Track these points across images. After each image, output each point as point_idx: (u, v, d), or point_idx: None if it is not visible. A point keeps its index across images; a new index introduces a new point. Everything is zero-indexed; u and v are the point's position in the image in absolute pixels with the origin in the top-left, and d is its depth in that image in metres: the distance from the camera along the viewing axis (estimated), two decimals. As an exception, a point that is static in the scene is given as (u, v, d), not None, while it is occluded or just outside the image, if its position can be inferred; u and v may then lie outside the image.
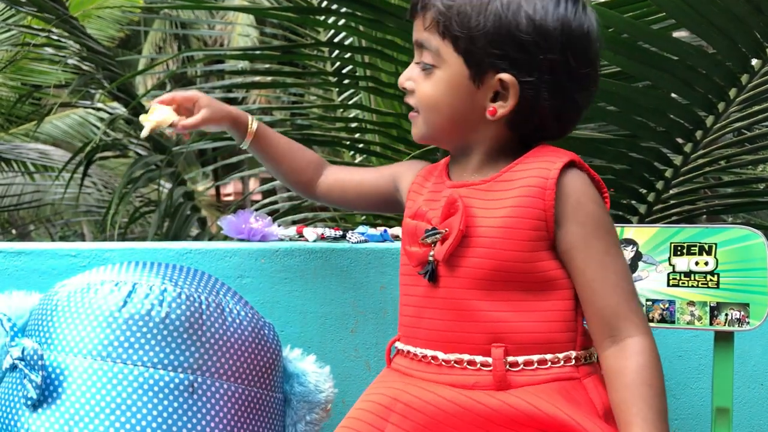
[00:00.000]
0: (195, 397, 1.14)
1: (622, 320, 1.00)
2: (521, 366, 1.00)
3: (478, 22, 0.99)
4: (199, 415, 1.13)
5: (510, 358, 1.00)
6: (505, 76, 1.00)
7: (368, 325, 1.49)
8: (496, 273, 1.01)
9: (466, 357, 1.02)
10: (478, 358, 1.01)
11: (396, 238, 1.54)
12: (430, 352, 1.05)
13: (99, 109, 4.57)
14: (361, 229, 1.53)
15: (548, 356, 1.01)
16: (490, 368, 1.00)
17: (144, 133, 1.25)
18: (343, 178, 1.31)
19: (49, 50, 4.04)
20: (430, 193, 1.12)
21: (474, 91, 1.03)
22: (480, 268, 1.01)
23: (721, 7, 1.68)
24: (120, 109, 3.97)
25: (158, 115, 1.24)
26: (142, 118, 1.25)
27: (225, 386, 1.17)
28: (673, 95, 1.96)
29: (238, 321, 1.22)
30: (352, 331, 1.49)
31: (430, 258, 1.04)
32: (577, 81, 1.03)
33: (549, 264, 1.02)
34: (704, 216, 2.54)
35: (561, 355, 1.01)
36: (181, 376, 1.14)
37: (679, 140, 2.04)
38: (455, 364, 1.02)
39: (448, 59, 1.03)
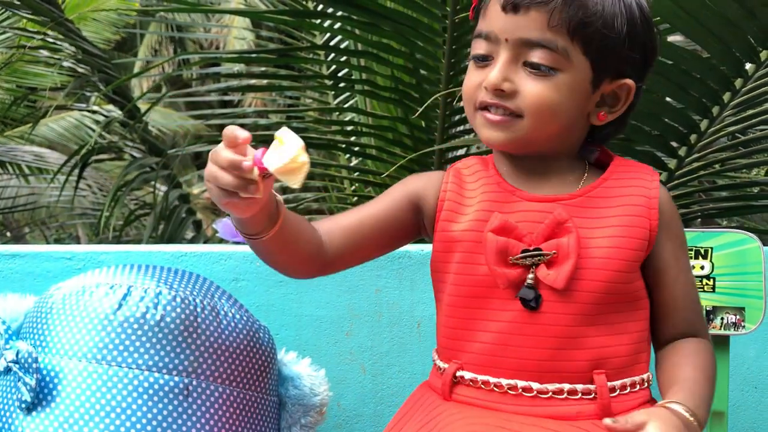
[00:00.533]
0: (190, 400, 1.14)
1: (697, 330, 1.03)
2: (618, 391, 0.97)
3: (617, 24, 0.94)
4: (194, 418, 1.13)
5: (610, 384, 0.96)
6: (629, 81, 0.97)
7: (363, 329, 1.49)
8: (606, 297, 0.95)
9: (566, 386, 0.95)
10: (579, 387, 0.95)
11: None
12: (521, 383, 0.95)
13: (94, 112, 4.57)
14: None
15: (637, 378, 0.99)
16: (592, 396, 0.95)
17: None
18: (349, 224, 1.04)
19: (45, 53, 4.03)
20: (491, 203, 1.00)
21: (589, 95, 0.97)
22: (593, 292, 0.95)
23: (715, 11, 1.68)
24: (115, 112, 3.96)
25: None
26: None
27: (220, 389, 1.17)
28: (667, 99, 1.97)
29: (233, 324, 1.22)
30: (348, 335, 1.49)
31: (530, 281, 0.95)
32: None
33: (640, 283, 0.99)
34: (699, 219, 2.55)
35: (644, 376, 1.00)
36: (176, 379, 1.14)
37: (674, 144, 2.05)
38: (554, 395, 0.95)
39: (575, 61, 0.94)
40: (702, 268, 1.24)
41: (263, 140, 3.19)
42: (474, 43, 1.00)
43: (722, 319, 1.23)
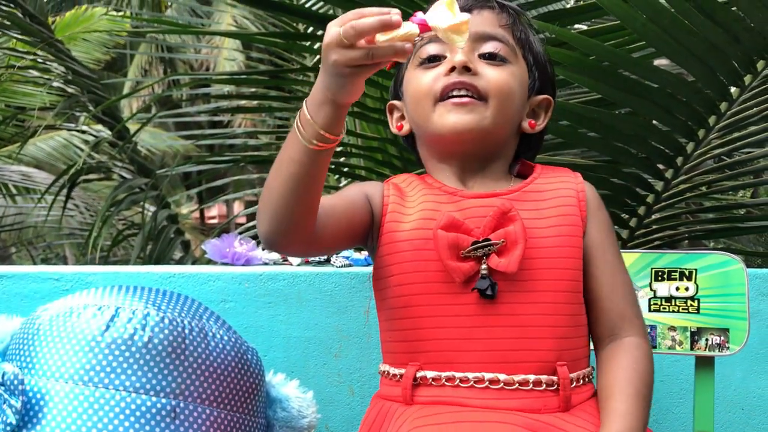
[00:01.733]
0: (177, 422, 1.13)
1: (625, 322, 1.03)
2: (575, 383, 0.99)
3: (540, 45, 1.13)
4: (181, 441, 1.12)
5: (570, 375, 0.98)
6: (549, 97, 1.12)
7: (352, 350, 1.49)
8: (559, 283, 1.00)
9: (532, 377, 0.96)
10: (544, 378, 0.97)
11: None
12: (488, 375, 0.96)
13: (83, 132, 4.56)
14: (345, 253, 1.54)
15: (586, 370, 1.02)
16: (555, 388, 0.97)
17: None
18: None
19: (34, 72, 4.03)
20: (435, 203, 1.04)
21: (525, 99, 1.10)
22: (547, 279, 0.99)
23: (700, 36, 1.71)
24: (104, 132, 3.96)
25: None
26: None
27: (207, 411, 1.17)
28: (654, 122, 1.99)
29: (221, 346, 1.22)
30: (336, 356, 1.49)
31: (483, 272, 0.97)
32: None
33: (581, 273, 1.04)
34: (686, 241, 2.57)
35: (588, 369, 1.03)
36: (164, 401, 1.13)
37: (661, 166, 2.06)
38: (520, 386, 0.96)
39: (520, 59, 1.09)
40: (686, 289, 1.25)
41: (253, 161, 3.19)
42: (421, 50, 1.08)
43: (707, 340, 1.24)
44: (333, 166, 2.94)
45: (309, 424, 1.30)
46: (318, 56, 3.20)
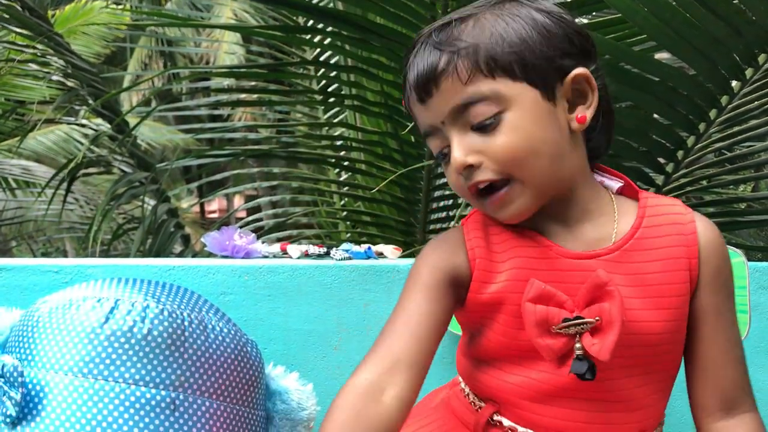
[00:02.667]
0: (176, 414, 1.13)
1: (741, 395, 0.94)
2: None
3: (522, 34, 0.87)
4: (180, 433, 1.12)
5: None
6: (579, 70, 0.89)
7: (352, 343, 1.49)
8: (651, 355, 0.90)
9: None
10: None
11: (380, 255, 1.54)
12: None
13: (83, 126, 4.56)
14: (345, 246, 1.53)
15: (658, 428, 0.96)
16: None
17: None
18: (405, 361, 0.91)
19: (34, 66, 4.02)
20: (525, 260, 0.91)
21: (552, 110, 0.88)
22: (636, 352, 0.89)
23: (701, 30, 1.70)
24: (104, 126, 3.96)
25: None
26: None
27: (207, 403, 1.17)
28: (654, 116, 1.99)
29: (220, 338, 1.22)
30: (336, 349, 1.49)
31: (579, 352, 0.87)
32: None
33: (683, 336, 0.93)
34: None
35: (662, 420, 0.97)
36: (163, 393, 1.13)
37: (661, 160, 2.06)
38: None
39: (511, 93, 0.87)
40: (688, 282, 1.25)
41: (254, 155, 3.19)
42: (428, 144, 0.95)
43: (708, 333, 1.24)
44: (333, 160, 2.94)
45: (308, 417, 1.30)
46: (318, 49, 3.20)
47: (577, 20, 0.96)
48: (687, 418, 1.01)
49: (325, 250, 1.53)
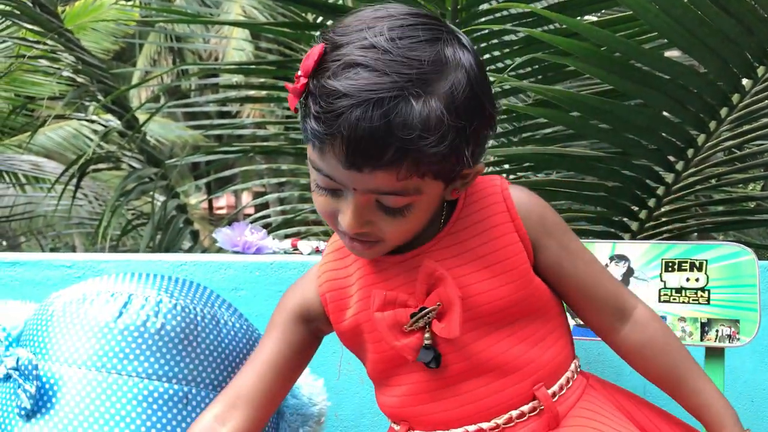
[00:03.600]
0: (189, 408, 1.14)
1: (622, 298, 1.01)
2: (557, 394, 0.97)
3: (465, 142, 0.87)
4: (193, 427, 1.13)
5: (550, 391, 0.96)
6: (478, 168, 0.93)
7: (362, 339, 1.50)
8: (504, 316, 0.95)
9: (513, 413, 0.95)
10: (525, 408, 0.95)
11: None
12: (471, 428, 0.95)
13: (93, 122, 4.58)
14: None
15: (568, 374, 0.99)
16: (537, 412, 0.95)
17: None
18: (255, 391, 1.05)
19: (44, 62, 4.04)
20: (365, 277, 0.98)
21: (443, 195, 0.93)
22: (488, 320, 0.94)
23: (712, 27, 1.70)
24: (114, 122, 3.97)
25: None
26: None
27: (219, 398, 1.17)
28: (664, 114, 1.99)
29: (232, 333, 1.23)
30: (346, 345, 1.50)
31: (426, 341, 0.93)
32: None
33: (542, 287, 0.98)
34: (695, 234, 2.56)
35: (572, 367, 1.00)
36: (176, 387, 1.14)
37: (671, 158, 2.06)
38: (505, 427, 0.95)
39: (428, 190, 0.88)
40: (697, 280, 1.25)
41: (262, 151, 3.21)
42: (313, 171, 0.91)
43: (717, 331, 1.24)
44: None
45: (319, 412, 1.31)
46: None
47: (587, 17, 0.97)
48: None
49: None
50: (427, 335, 0.93)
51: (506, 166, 2.39)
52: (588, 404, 0.98)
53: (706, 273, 1.25)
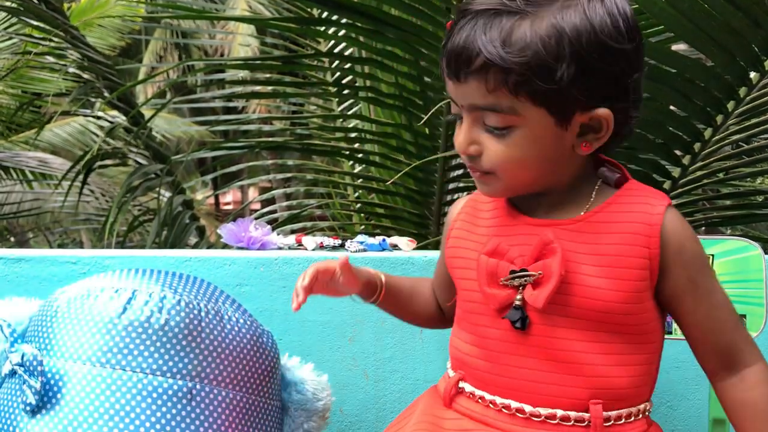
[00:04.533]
0: (193, 403, 1.14)
1: (738, 352, 0.97)
2: (613, 421, 0.96)
3: (560, 70, 0.88)
4: (197, 422, 1.13)
5: (605, 413, 0.95)
6: (601, 111, 0.92)
7: (366, 334, 1.49)
8: (600, 321, 0.94)
9: (559, 412, 0.95)
10: (573, 414, 0.94)
11: (395, 247, 1.54)
12: (514, 404, 0.96)
13: (99, 118, 4.59)
14: (360, 238, 1.54)
15: (634, 409, 0.97)
16: (585, 424, 0.94)
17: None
18: (434, 287, 1.20)
19: (50, 59, 4.05)
20: (497, 228, 1.01)
21: (561, 134, 0.93)
22: (583, 315, 0.94)
23: (719, 21, 1.69)
24: (120, 118, 3.98)
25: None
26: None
27: (223, 393, 1.18)
28: (671, 108, 1.98)
29: (236, 328, 1.23)
30: (350, 340, 1.50)
31: (518, 302, 0.95)
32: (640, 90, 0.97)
33: (649, 314, 0.96)
34: (702, 228, 2.55)
35: (642, 406, 0.98)
36: (180, 382, 1.14)
37: (678, 152, 2.05)
38: (547, 420, 0.95)
39: (527, 114, 0.91)
40: (705, 275, 1.25)
41: (268, 147, 3.21)
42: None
43: (725, 326, 1.23)
44: (347, 152, 2.95)
45: (324, 407, 1.31)
46: (333, 41, 3.20)
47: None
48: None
49: (340, 242, 1.54)
50: (518, 297, 0.95)
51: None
52: None
53: (713, 267, 1.24)
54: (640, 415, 0.98)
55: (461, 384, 1.02)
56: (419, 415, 1.04)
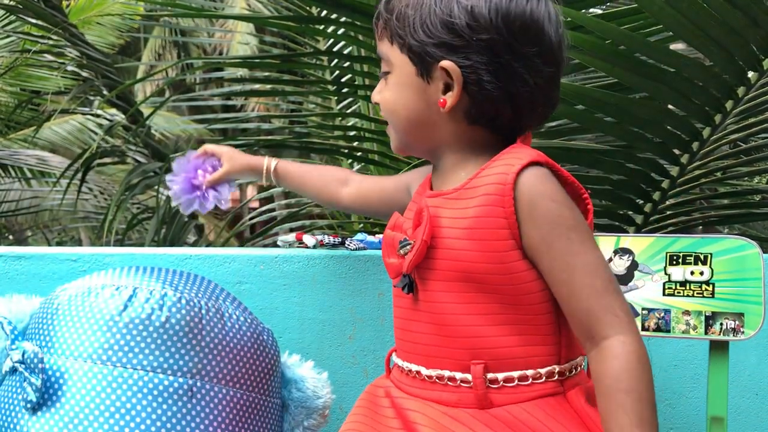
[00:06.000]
0: (194, 401, 1.15)
1: (595, 321, 0.93)
2: (501, 383, 0.97)
3: (415, 17, 1.00)
4: (197, 420, 1.14)
5: (490, 375, 0.97)
6: (445, 63, 0.99)
7: (366, 332, 1.50)
8: (469, 282, 0.97)
9: (446, 373, 1.00)
10: (458, 375, 0.99)
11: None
12: (414, 367, 1.03)
13: (98, 116, 4.59)
14: (359, 236, 1.54)
15: (529, 372, 0.97)
16: (470, 385, 0.98)
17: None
18: (366, 187, 1.34)
19: (49, 57, 4.05)
20: (413, 203, 1.11)
21: (425, 87, 1.02)
22: (447, 274, 0.98)
23: (718, 20, 1.69)
24: (119, 116, 3.98)
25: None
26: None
27: (224, 391, 1.18)
28: (670, 107, 1.98)
29: (237, 326, 1.23)
30: (350, 338, 1.50)
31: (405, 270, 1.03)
32: (528, 62, 0.98)
33: (526, 274, 0.96)
34: (700, 227, 2.56)
35: (543, 371, 0.97)
36: (180, 380, 1.15)
37: (676, 151, 2.05)
38: (437, 380, 1.01)
39: (396, 61, 1.04)
40: (701, 273, 1.25)
41: (267, 145, 3.20)
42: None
43: (721, 324, 1.24)
44: (346, 150, 2.95)
45: (324, 405, 1.32)
46: (332, 40, 3.20)
47: (592, 10, 0.97)
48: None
49: (339, 239, 1.54)
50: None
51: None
52: (538, 410, 0.96)
53: (710, 266, 1.25)
54: (543, 379, 0.97)
55: (393, 356, 1.10)
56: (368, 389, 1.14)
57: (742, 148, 2.29)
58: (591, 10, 2.25)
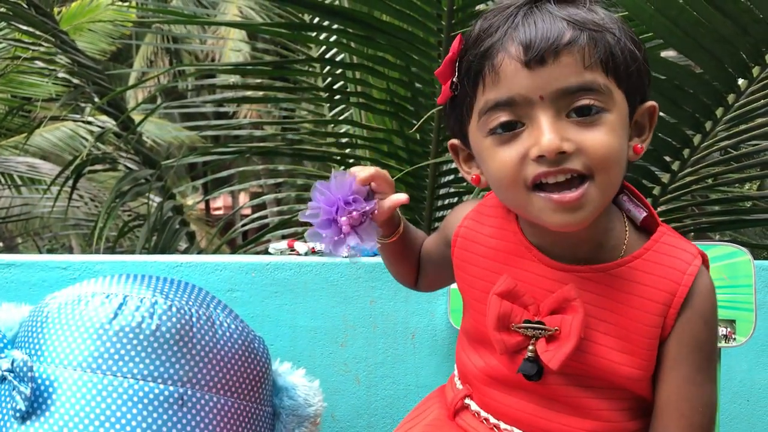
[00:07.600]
0: (185, 409, 1.14)
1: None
2: None
3: (635, 48, 0.83)
4: (188, 428, 1.13)
5: None
6: (652, 103, 0.86)
7: (358, 340, 1.50)
8: (614, 389, 0.90)
9: None
10: None
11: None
12: (506, 426, 0.95)
13: (89, 123, 4.57)
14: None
15: None
16: None
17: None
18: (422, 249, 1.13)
19: (40, 63, 4.03)
20: (506, 255, 0.94)
21: (628, 131, 0.85)
22: (597, 383, 0.89)
23: (708, 28, 1.70)
24: (110, 123, 3.97)
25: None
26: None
27: (214, 399, 1.17)
28: (661, 114, 1.98)
29: (228, 334, 1.23)
30: (342, 345, 1.50)
31: (530, 354, 0.89)
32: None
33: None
34: (691, 233, 2.56)
35: None
36: (171, 388, 1.14)
37: (667, 158, 2.06)
38: None
39: (615, 98, 0.82)
40: (694, 280, 1.25)
41: (259, 152, 3.20)
42: (488, 115, 0.84)
43: (714, 331, 1.24)
44: (338, 157, 2.95)
45: (315, 413, 1.31)
46: (324, 47, 3.20)
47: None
48: None
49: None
50: (530, 348, 0.88)
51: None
52: None
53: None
54: None
55: (467, 401, 0.99)
56: (429, 423, 1.02)
57: (733, 155, 2.30)
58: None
